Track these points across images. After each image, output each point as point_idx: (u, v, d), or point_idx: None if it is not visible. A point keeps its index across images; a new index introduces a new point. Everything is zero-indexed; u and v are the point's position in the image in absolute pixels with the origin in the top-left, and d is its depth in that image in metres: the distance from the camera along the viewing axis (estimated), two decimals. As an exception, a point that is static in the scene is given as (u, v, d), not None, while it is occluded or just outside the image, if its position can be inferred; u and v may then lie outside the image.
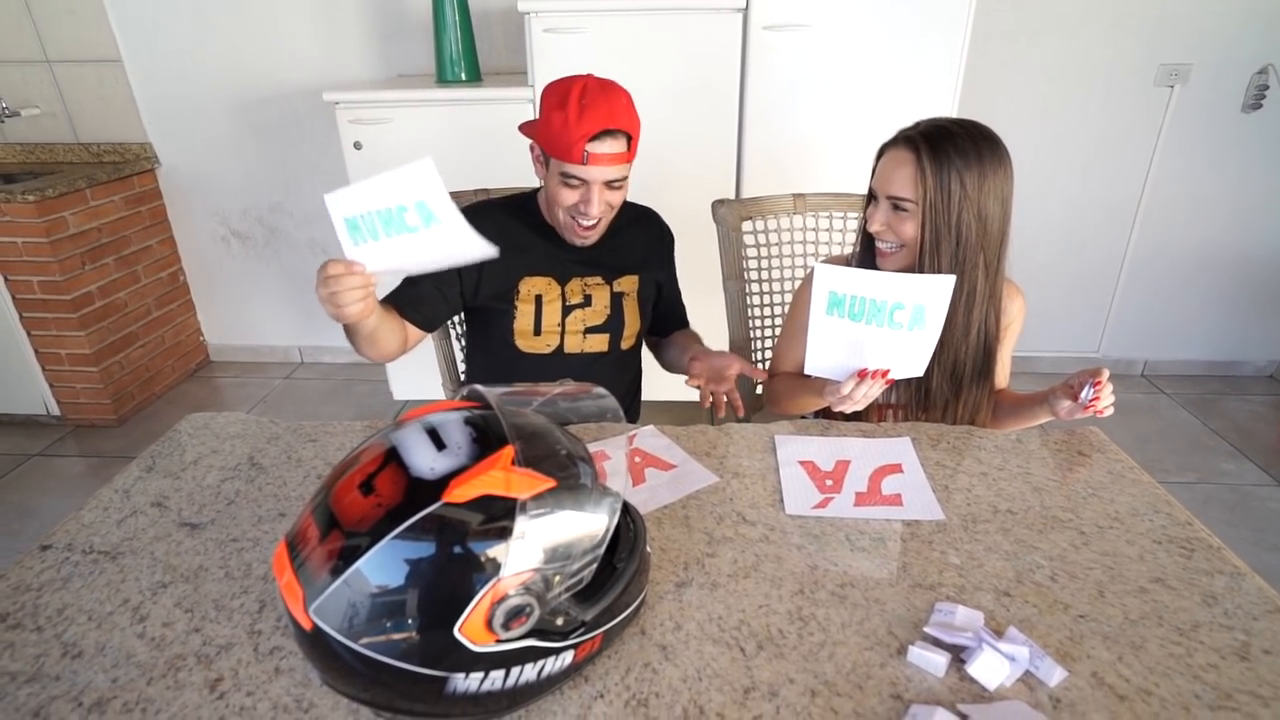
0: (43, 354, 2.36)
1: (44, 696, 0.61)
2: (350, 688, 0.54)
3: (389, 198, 0.82)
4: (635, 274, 1.27)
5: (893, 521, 0.82)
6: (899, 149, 1.00)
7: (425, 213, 0.82)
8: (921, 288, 0.89)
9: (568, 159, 1.07)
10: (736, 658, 0.64)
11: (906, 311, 0.90)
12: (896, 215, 1.01)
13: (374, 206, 0.83)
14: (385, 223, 0.83)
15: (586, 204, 1.11)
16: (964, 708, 0.58)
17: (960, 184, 0.96)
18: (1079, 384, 0.96)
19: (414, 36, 2.39)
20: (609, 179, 1.10)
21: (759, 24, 1.87)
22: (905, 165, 0.99)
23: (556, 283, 1.21)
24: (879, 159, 1.04)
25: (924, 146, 0.97)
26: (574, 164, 1.07)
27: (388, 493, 0.52)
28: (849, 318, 0.91)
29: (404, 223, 0.83)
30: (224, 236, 2.74)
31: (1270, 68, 2.26)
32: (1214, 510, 1.99)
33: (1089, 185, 2.47)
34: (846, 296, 0.90)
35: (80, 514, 0.84)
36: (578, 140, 1.04)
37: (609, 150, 1.07)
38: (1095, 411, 0.96)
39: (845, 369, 0.96)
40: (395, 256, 0.86)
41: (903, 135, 1.02)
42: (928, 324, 0.91)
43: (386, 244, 0.85)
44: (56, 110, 2.55)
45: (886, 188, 1.01)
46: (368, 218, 0.84)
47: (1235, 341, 2.68)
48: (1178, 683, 0.61)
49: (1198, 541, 0.78)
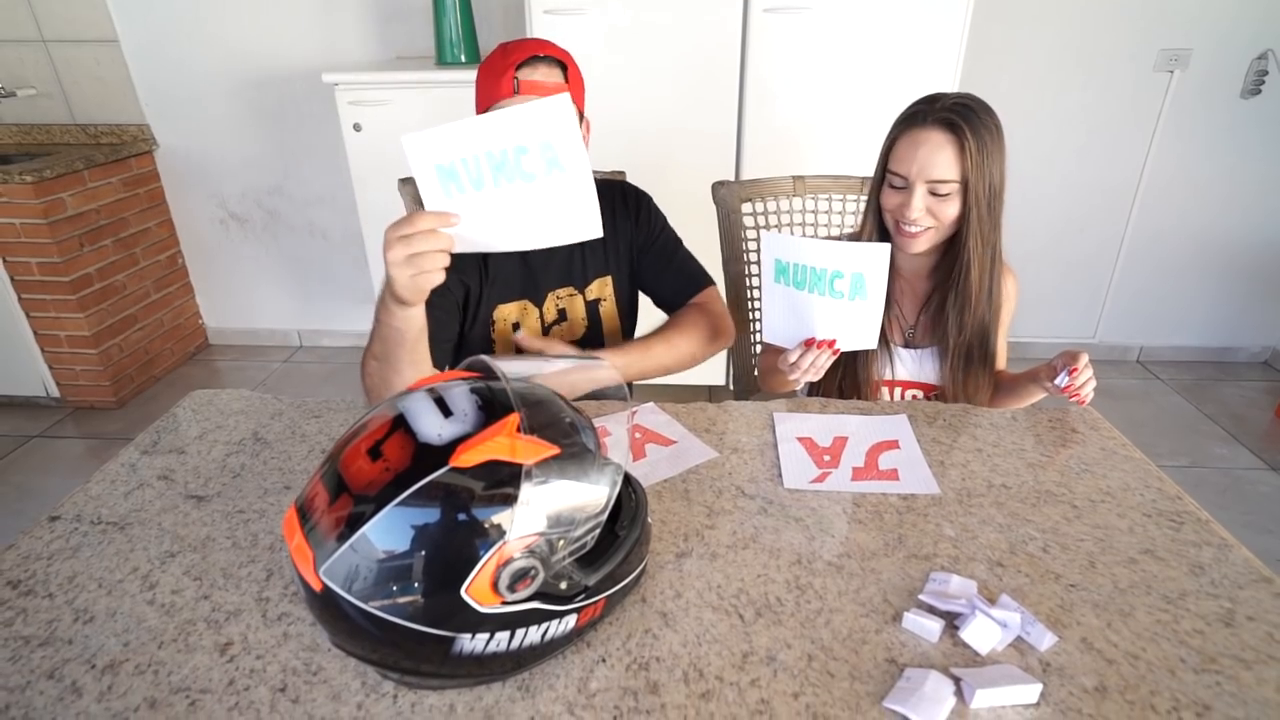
0: (41, 336, 2.37)
1: (57, 659, 0.62)
2: (359, 648, 0.55)
3: (508, 136, 0.72)
4: (607, 274, 1.18)
5: (889, 495, 0.84)
6: (934, 130, 0.98)
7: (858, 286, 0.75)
8: (858, 256, 0.90)
9: (499, 95, 0.97)
10: (735, 624, 0.66)
11: (846, 280, 0.91)
12: (936, 199, 1.00)
13: (484, 148, 0.72)
14: (497, 167, 0.72)
15: None
16: (957, 671, 0.60)
17: (990, 160, 0.98)
18: (1059, 367, 0.99)
19: (413, 18, 2.38)
20: None
21: (759, 6, 1.87)
22: (946, 147, 0.97)
23: (532, 305, 1.14)
24: (896, 141, 1.02)
25: (965, 128, 0.96)
26: (505, 98, 0.96)
27: (396, 458, 0.53)
28: (794, 286, 0.93)
29: (521, 167, 0.72)
30: (222, 219, 2.74)
31: (1270, 54, 2.26)
32: (1206, 493, 2.01)
33: (1087, 170, 2.48)
34: (790, 265, 0.92)
35: (87, 486, 0.85)
36: (505, 70, 0.96)
37: (542, 78, 0.97)
38: (1076, 399, 0.98)
39: (796, 337, 0.98)
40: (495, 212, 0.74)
41: (931, 116, 0.99)
42: (869, 294, 0.92)
43: (489, 196, 0.73)
44: (53, 91, 2.54)
45: (926, 172, 0.99)
46: (473, 162, 0.72)
47: (1230, 328, 2.69)
48: (1164, 648, 0.63)
49: (1187, 515, 0.80)
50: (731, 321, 1.20)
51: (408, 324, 0.84)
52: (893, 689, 0.59)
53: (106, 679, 0.60)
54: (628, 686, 0.59)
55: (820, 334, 0.97)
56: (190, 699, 0.58)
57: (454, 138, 0.72)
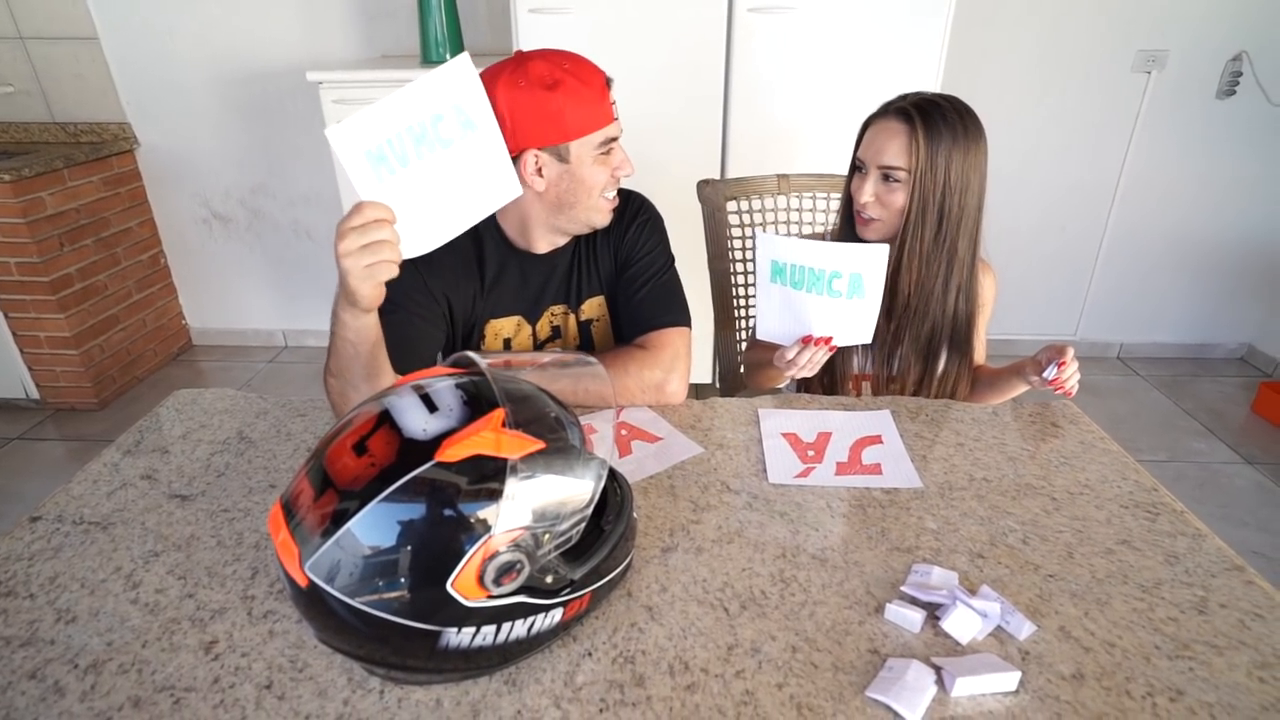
0: (21, 337, 2.33)
1: (39, 659, 0.62)
2: (345, 644, 0.56)
3: (423, 108, 0.73)
4: (601, 294, 1.12)
5: (872, 489, 0.85)
6: (891, 119, 1.02)
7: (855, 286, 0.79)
8: (857, 257, 0.92)
9: (601, 122, 0.94)
10: (720, 617, 0.66)
11: (844, 280, 0.93)
12: (886, 186, 1.03)
13: (405, 124, 0.73)
14: (418, 140, 0.73)
15: (624, 163, 1.00)
16: (938, 660, 0.61)
17: (948, 157, 0.99)
18: (1045, 361, 1.01)
19: (398, 16, 2.37)
20: None
21: (744, 6, 1.88)
22: (899, 135, 1.00)
23: (526, 321, 1.10)
24: (865, 129, 1.06)
25: (918, 118, 0.99)
26: (607, 124, 0.95)
27: (381, 453, 0.53)
28: (790, 285, 0.95)
29: (439, 135, 0.74)
30: (205, 219, 2.71)
31: (1245, 55, 2.30)
32: (1184, 487, 2.05)
33: (1067, 169, 2.51)
34: (787, 265, 0.94)
35: (69, 487, 0.84)
36: (600, 96, 0.93)
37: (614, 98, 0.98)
38: (1062, 391, 1.00)
39: (791, 334, 1.00)
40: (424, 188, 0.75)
41: (894, 106, 1.03)
42: (867, 293, 0.95)
43: (415, 172, 0.74)
44: (31, 88, 2.50)
45: (878, 157, 1.02)
46: (397, 140, 0.73)
47: (1207, 325, 2.74)
48: (1139, 635, 0.64)
49: (1162, 506, 0.82)
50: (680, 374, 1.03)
51: (361, 335, 0.83)
52: (875, 679, 0.59)
53: (89, 678, 0.60)
54: (614, 679, 0.60)
55: (817, 332, 0.98)
56: (175, 697, 0.58)
57: (374, 120, 0.72)
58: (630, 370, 1.01)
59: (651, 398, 1.02)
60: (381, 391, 0.60)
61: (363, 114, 0.72)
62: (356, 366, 0.85)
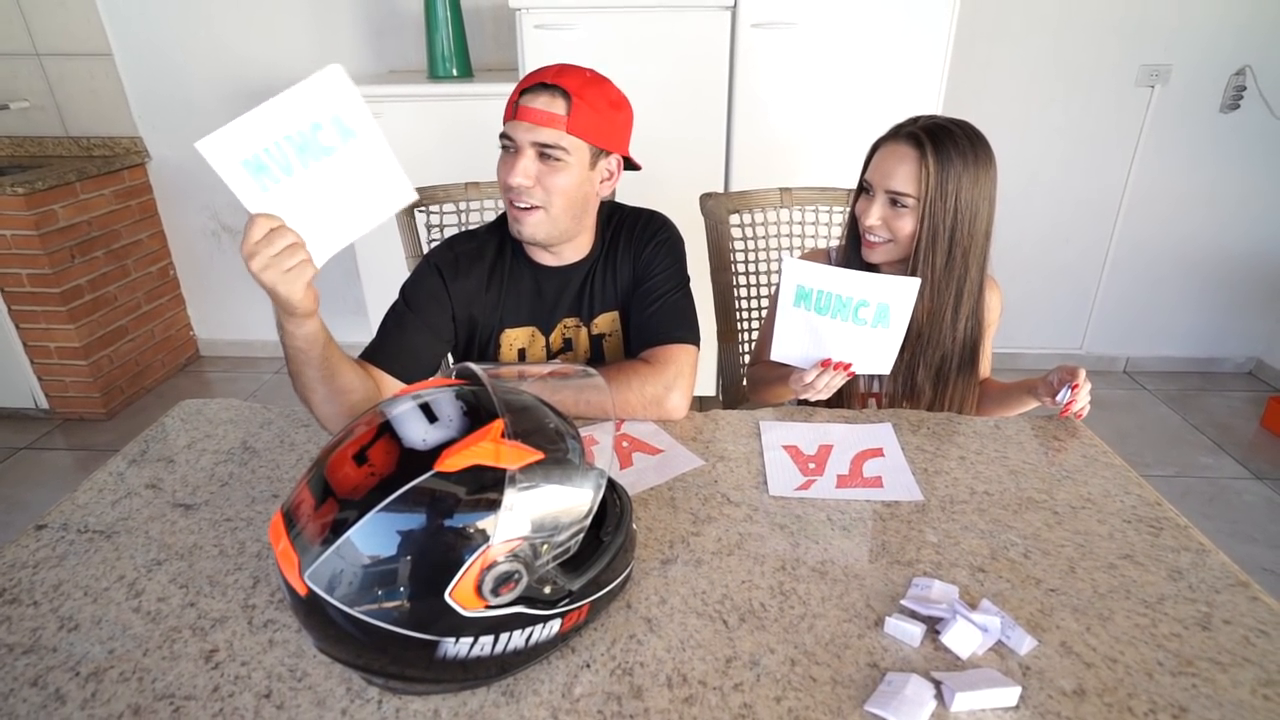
0: (31, 347, 2.36)
1: (41, 666, 0.62)
2: (344, 653, 0.56)
3: (299, 118, 0.73)
4: (614, 310, 1.13)
5: (873, 502, 0.84)
6: (901, 144, 1.00)
7: (342, 128, 0.74)
8: (887, 288, 0.93)
9: (505, 118, 0.99)
10: (719, 630, 0.66)
11: (871, 309, 0.94)
12: (894, 211, 1.02)
13: (282, 133, 0.73)
14: (301, 149, 0.74)
15: (510, 170, 0.97)
16: (938, 675, 0.60)
17: (958, 183, 0.98)
18: (1058, 383, 0.99)
19: (406, 32, 2.40)
20: (538, 140, 0.95)
21: (747, 22, 1.90)
22: (907, 161, 0.99)
23: (540, 333, 1.11)
24: (874, 152, 1.05)
25: (928, 144, 0.98)
26: (505, 120, 0.98)
27: (381, 463, 0.54)
28: (815, 310, 0.95)
29: (319, 144, 0.74)
30: (214, 231, 2.74)
31: (1248, 69, 2.31)
32: (1192, 503, 2.03)
33: (1072, 182, 2.51)
34: (813, 291, 0.94)
35: (75, 496, 0.85)
36: (514, 94, 0.98)
37: (540, 106, 0.95)
38: (1074, 415, 0.99)
39: (809, 358, 1.00)
40: (313, 197, 0.75)
41: (904, 131, 1.01)
42: (892, 323, 0.95)
43: (301, 180, 0.75)
44: (46, 104, 2.54)
45: (886, 182, 1.01)
46: (276, 150, 0.73)
47: (1214, 338, 2.72)
48: (1142, 651, 0.64)
49: (1166, 520, 0.81)
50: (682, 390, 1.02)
51: (309, 341, 0.82)
52: (874, 693, 0.59)
53: (90, 686, 0.60)
54: (612, 691, 0.60)
55: (836, 356, 0.98)
56: (174, 705, 0.58)
57: (247, 130, 0.72)
58: (632, 384, 1.00)
59: (652, 413, 1.01)
60: (383, 401, 0.60)
61: (232, 124, 0.72)
62: (310, 371, 0.85)
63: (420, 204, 1.40)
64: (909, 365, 1.10)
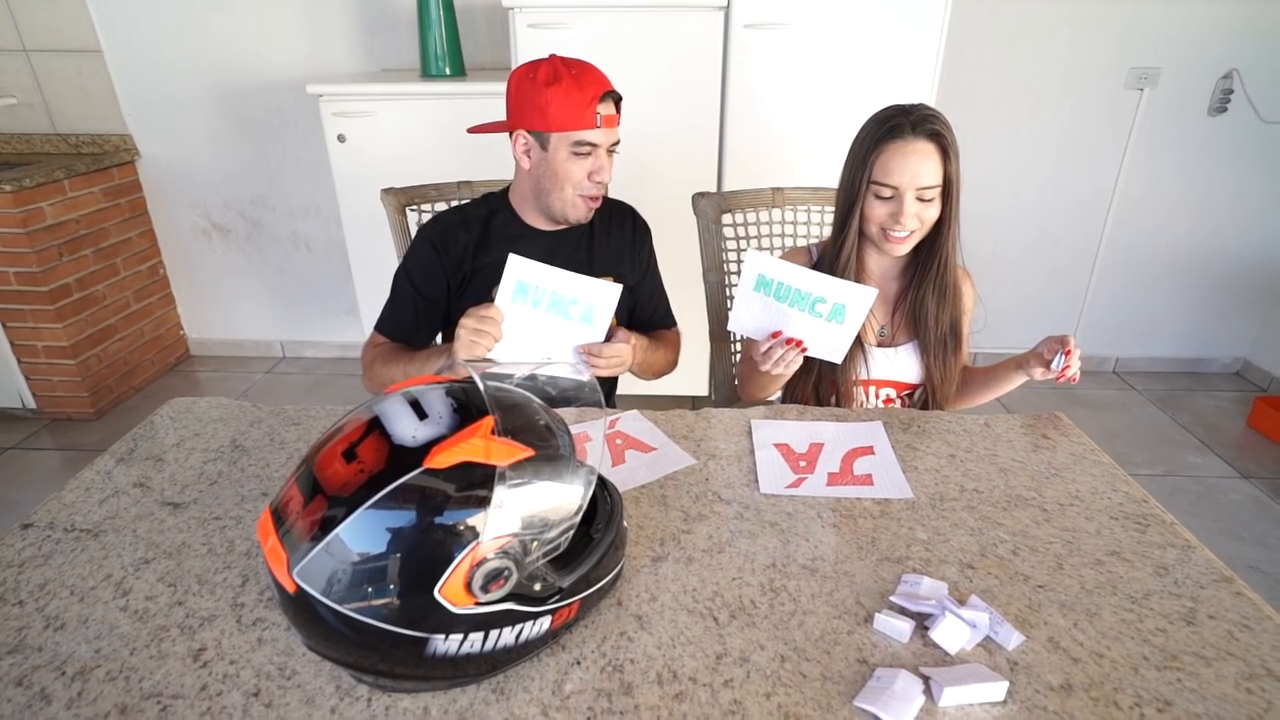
0: (18, 346, 2.33)
1: (26, 666, 0.61)
2: (333, 651, 0.56)
3: (570, 288, 1.02)
4: (609, 276, 1.23)
5: (863, 500, 0.85)
6: (920, 141, 1.02)
7: (587, 315, 1.03)
8: (845, 291, 0.99)
9: (580, 125, 1.07)
10: (710, 627, 0.66)
11: (827, 305, 0.99)
12: (923, 204, 1.06)
13: (553, 286, 1.01)
14: (553, 303, 1.02)
15: (600, 170, 1.12)
16: (926, 670, 0.61)
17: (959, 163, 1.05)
18: (1050, 352, 1.02)
19: (399, 31, 2.40)
20: (613, 142, 1.13)
21: (740, 22, 1.90)
22: (931, 156, 1.03)
23: None
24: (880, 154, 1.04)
25: (945, 136, 1.03)
26: (587, 129, 1.08)
27: (370, 459, 0.54)
28: (774, 297, 1.00)
29: (567, 311, 1.03)
30: (205, 229, 2.72)
31: (1235, 72, 2.33)
32: (1181, 502, 2.05)
33: (1062, 184, 2.53)
34: (774, 281, 0.99)
35: (61, 494, 0.85)
36: (589, 103, 1.06)
37: (612, 112, 1.11)
38: (1068, 379, 1.01)
39: (764, 330, 1.04)
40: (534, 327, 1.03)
41: (917, 129, 1.02)
42: (846, 322, 1.00)
43: (535, 316, 1.02)
44: (34, 100, 2.52)
45: (916, 182, 1.03)
46: (541, 290, 1.01)
47: (1202, 339, 2.75)
48: (1128, 646, 0.64)
49: (1152, 517, 0.82)
50: None
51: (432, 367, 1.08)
52: (863, 688, 0.59)
53: (76, 685, 0.60)
54: (602, 688, 0.60)
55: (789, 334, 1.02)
56: (162, 705, 0.58)
57: (535, 270, 1.00)
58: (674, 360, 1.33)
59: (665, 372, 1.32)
60: (371, 399, 0.60)
61: (541, 264, 1.00)
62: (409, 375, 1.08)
63: (413, 202, 1.40)
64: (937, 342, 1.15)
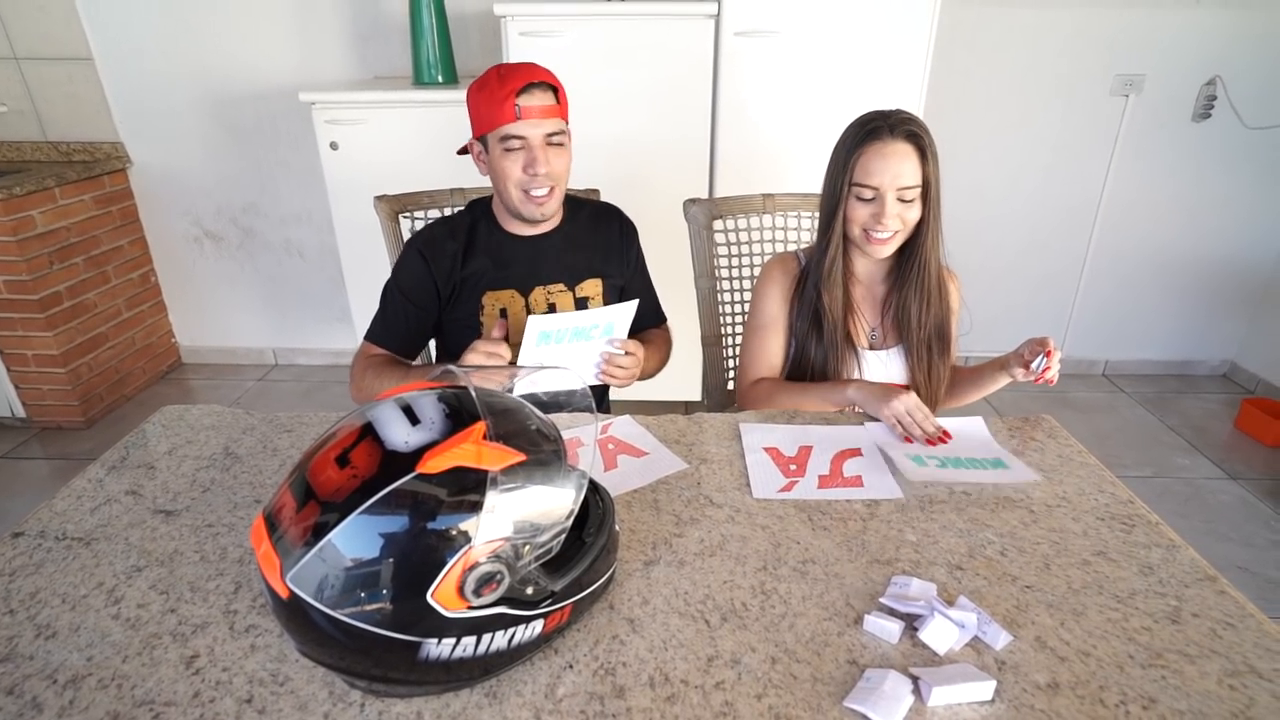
0: (8, 355, 2.32)
1: (17, 675, 0.61)
2: (326, 656, 0.56)
3: (593, 320, 1.08)
4: (598, 277, 1.27)
5: (853, 502, 0.86)
6: (899, 142, 1.05)
7: (608, 330, 1.10)
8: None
9: (500, 120, 1.08)
10: (701, 629, 0.67)
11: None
12: (904, 205, 1.07)
13: (576, 325, 1.07)
14: (575, 334, 1.07)
15: (534, 163, 1.10)
16: (916, 670, 0.61)
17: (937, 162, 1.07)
18: (1030, 354, 1.04)
19: (391, 38, 2.40)
20: (547, 132, 1.11)
21: (730, 30, 1.92)
22: (910, 157, 1.05)
23: (519, 295, 1.22)
24: (860, 157, 1.06)
25: (923, 138, 1.05)
26: (506, 122, 1.08)
27: (363, 465, 0.54)
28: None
29: (588, 334, 1.09)
30: (197, 237, 2.72)
31: (1218, 79, 2.36)
32: (1169, 503, 2.06)
33: (1050, 189, 2.55)
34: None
35: (53, 502, 0.84)
36: (506, 97, 1.07)
37: (539, 102, 1.09)
38: (1047, 380, 1.03)
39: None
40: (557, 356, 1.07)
41: (896, 131, 1.05)
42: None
43: (558, 348, 1.07)
44: (24, 108, 2.52)
45: (897, 181, 1.05)
46: (563, 332, 1.06)
47: (1190, 342, 2.78)
48: (1114, 644, 0.65)
49: (1138, 518, 0.83)
50: None
51: None
52: (853, 689, 0.60)
53: (68, 694, 0.60)
54: (594, 692, 0.60)
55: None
56: (154, 712, 0.58)
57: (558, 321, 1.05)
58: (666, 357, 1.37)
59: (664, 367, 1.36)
60: (364, 405, 0.61)
61: (563, 315, 1.05)
62: None
63: (405, 209, 1.40)
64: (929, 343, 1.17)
